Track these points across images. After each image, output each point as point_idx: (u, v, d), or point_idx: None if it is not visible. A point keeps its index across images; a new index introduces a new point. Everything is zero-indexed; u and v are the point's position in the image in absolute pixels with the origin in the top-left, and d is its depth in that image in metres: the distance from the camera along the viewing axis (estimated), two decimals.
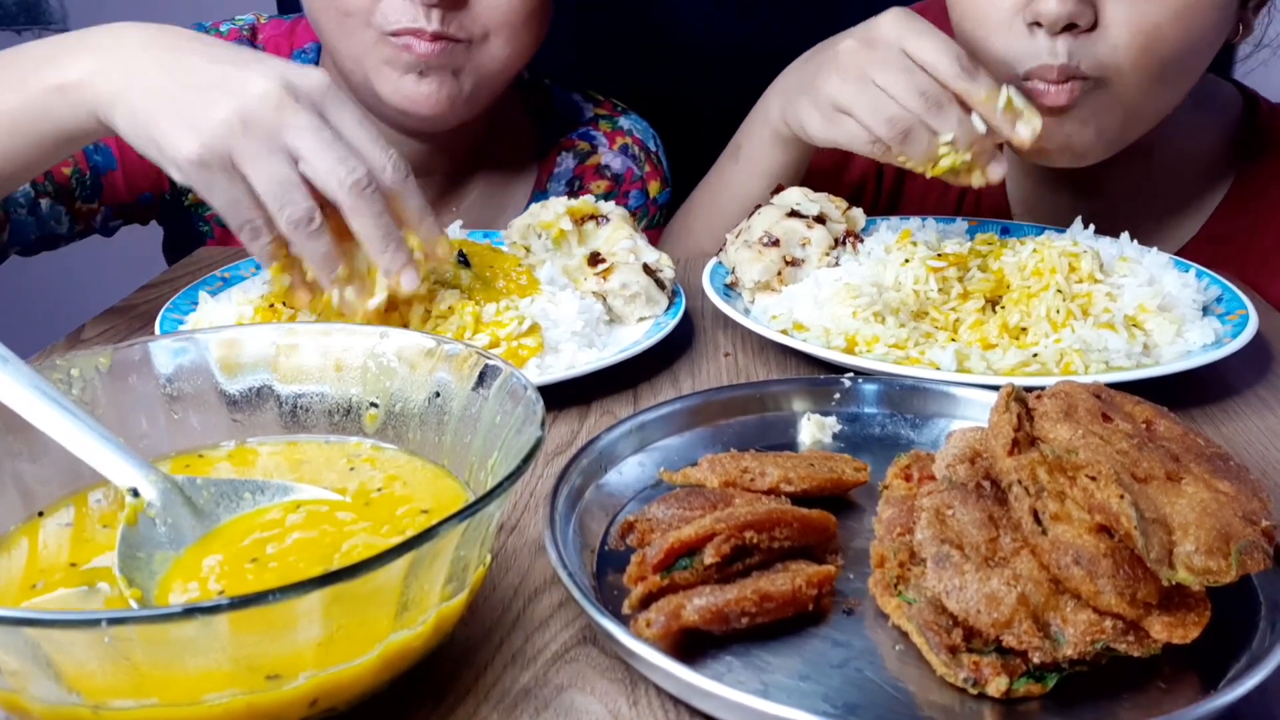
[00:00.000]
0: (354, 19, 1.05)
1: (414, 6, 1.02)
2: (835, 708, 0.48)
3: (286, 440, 0.62)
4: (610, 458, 0.66)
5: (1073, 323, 0.84)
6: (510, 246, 0.99)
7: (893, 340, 0.84)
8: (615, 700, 0.50)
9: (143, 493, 0.52)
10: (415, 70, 1.06)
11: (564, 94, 1.38)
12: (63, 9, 2.67)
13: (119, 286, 1.09)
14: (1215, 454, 0.55)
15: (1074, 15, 0.94)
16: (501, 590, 0.58)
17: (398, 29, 1.04)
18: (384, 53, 1.06)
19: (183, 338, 0.62)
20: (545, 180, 1.33)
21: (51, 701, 0.41)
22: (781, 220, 0.98)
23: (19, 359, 0.53)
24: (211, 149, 0.76)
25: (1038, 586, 0.49)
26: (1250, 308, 0.90)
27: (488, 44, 1.08)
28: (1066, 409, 0.57)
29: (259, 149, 0.76)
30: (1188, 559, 0.47)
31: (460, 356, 0.59)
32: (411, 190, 0.80)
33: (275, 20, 1.30)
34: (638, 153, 1.35)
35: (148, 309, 0.99)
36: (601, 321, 0.90)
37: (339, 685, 0.44)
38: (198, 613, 0.38)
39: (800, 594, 0.53)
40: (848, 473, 0.64)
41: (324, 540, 0.52)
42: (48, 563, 0.52)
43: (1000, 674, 0.48)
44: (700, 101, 1.68)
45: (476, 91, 1.11)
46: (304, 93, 0.78)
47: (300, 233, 0.77)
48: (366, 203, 0.77)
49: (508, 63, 1.11)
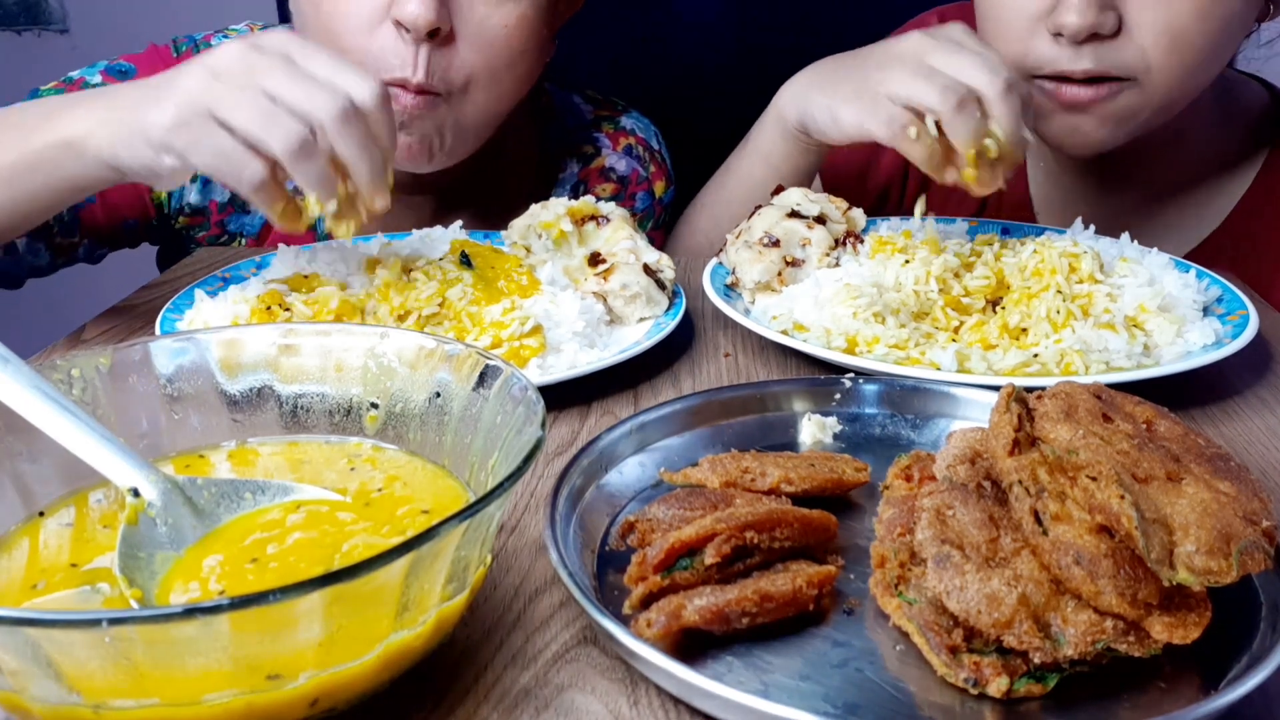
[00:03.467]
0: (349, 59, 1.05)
1: (405, 47, 1.02)
2: (836, 708, 0.48)
3: (287, 440, 0.62)
4: (611, 458, 0.66)
5: (1073, 323, 0.84)
6: (511, 247, 0.99)
7: (893, 341, 0.84)
8: (616, 700, 0.50)
9: (143, 493, 0.52)
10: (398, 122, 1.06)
11: (564, 96, 1.38)
12: (63, 9, 2.67)
13: (119, 286, 1.09)
14: (1216, 454, 0.55)
15: (1096, 26, 0.94)
16: (502, 590, 0.58)
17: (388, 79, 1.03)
18: None
19: (183, 338, 0.62)
20: (550, 187, 1.32)
21: (52, 701, 0.41)
22: (782, 221, 0.98)
23: (19, 359, 0.53)
24: (188, 106, 0.77)
25: (1038, 587, 0.49)
26: (1251, 308, 0.90)
27: (467, 95, 1.07)
28: (1067, 409, 0.57)
29: (235, 92, 0.76)
30: (1188, 559, 0.47)
31: (461, 357, 0.59)
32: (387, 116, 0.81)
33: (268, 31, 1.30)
34: (642, 153, 1.35)
35: (148, 309, 0.99)
36: (602, 322, 0.90)
37: (339, 685, 0.44)
38: (198, 613, 0.38)
39: (801, 594, 0.53)
40: (848, 473, 0.64)
41: (324, 540, 0.52)
42: (48, 563, 0.52)
43: (1001, 674, 0.48)
44: (701, 97, 1.68)
45: (455, 145, 1.11)
46: (269, 46, 0.79)
47: (295, 155, 0.77)
48: (351, 129, 0.78)
49: (488, 110, 1.11)
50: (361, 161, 0.79)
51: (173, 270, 1.14)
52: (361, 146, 0.79)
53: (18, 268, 1.14)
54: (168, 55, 1.22)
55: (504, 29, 1.06)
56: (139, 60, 1.21)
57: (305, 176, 0.79)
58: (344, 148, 0.78)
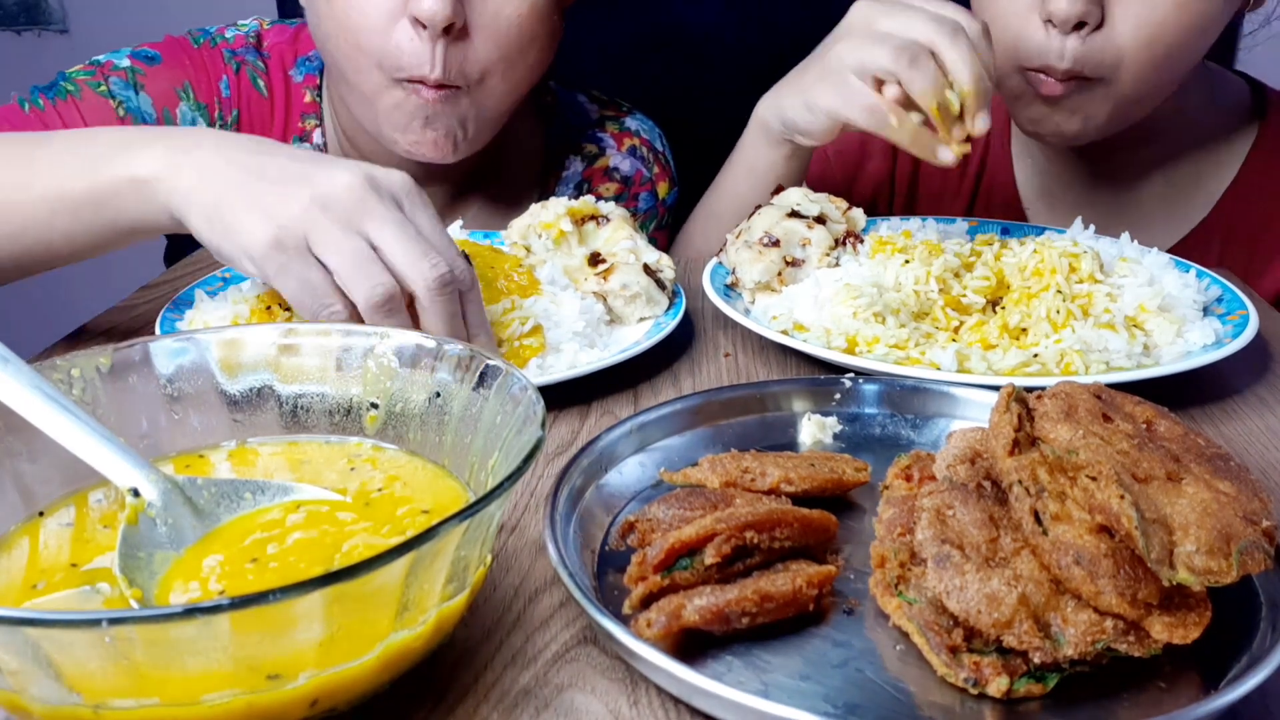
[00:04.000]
0: (365, 57, 1.05)
1: (420, 44, 1.02)
2: (836, 708, 0.48)
3: (287, 440, 0.62)
4: (611, 458, 0.66)
5: (1073, 323, 0.84)
6: (511, 247, 0.99)
7: (893, 340, 0.84)
8: (616, 700, 0.50)
9: (143, 493, 0.52)
10: (422, 116, 1.07)
11: (569, 95, 1.38)
12: (63, 9, 2.67)
13: (120, 287, 1.09)
14: (1216, 454, 0.55)
15: (1084, 15, 0.99)
16: (502, 590, 0.58)
17: (406, 76, 1.04)
18: (395, 97, 1.06)
19: (183, 338, 0.62)
20: (554, 185, 1.33)
21: (52, 701, 0.41)
22: (782, 221, 0.98)
23: (19, 359, 0.53)
24: (288, 230, 0.73)
25: (1038, 587, 0.49)
26: (1251, 308, 0.90)
27: (485, 86, 1.08)
28: (1067, 409, 0.57)
29: (337, 231, 0.73)
30: (1188, 559, 0.47)
31: (460, 357, 0.59)
32: (478, 296, 0.79)
33: (279, 26, 1.30)
34: (646, 154, 1.35)
35: (148, 309, 0.99)
36: (602, 322, 0.90)
37: (339, 685, 0.44)
38: (198, 613, 0.38)
39: (801, 594, 0.53)
40: (848, 473, 0.64)
41: (324, 540, 0.52)
42: (48, 563, 0.52)
43: (1001, 674, 0.48)
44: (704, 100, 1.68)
45: (478, 134, 1.12)
46: (385, 187, 0.76)
47: (379, 312, 0.74)
48: (445, 301, 0.75)
49: (505, 98, 1.11)
50: (446, 335, 0.75)
51: (173, 270, 1.15)
52: (451, 319, 0.76)
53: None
54: (189, 46, 1.23)
55: (517, 18, 1.06)
56: (161, 48, 1.21)
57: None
58: (434, 317, 0.76)
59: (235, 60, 1.23)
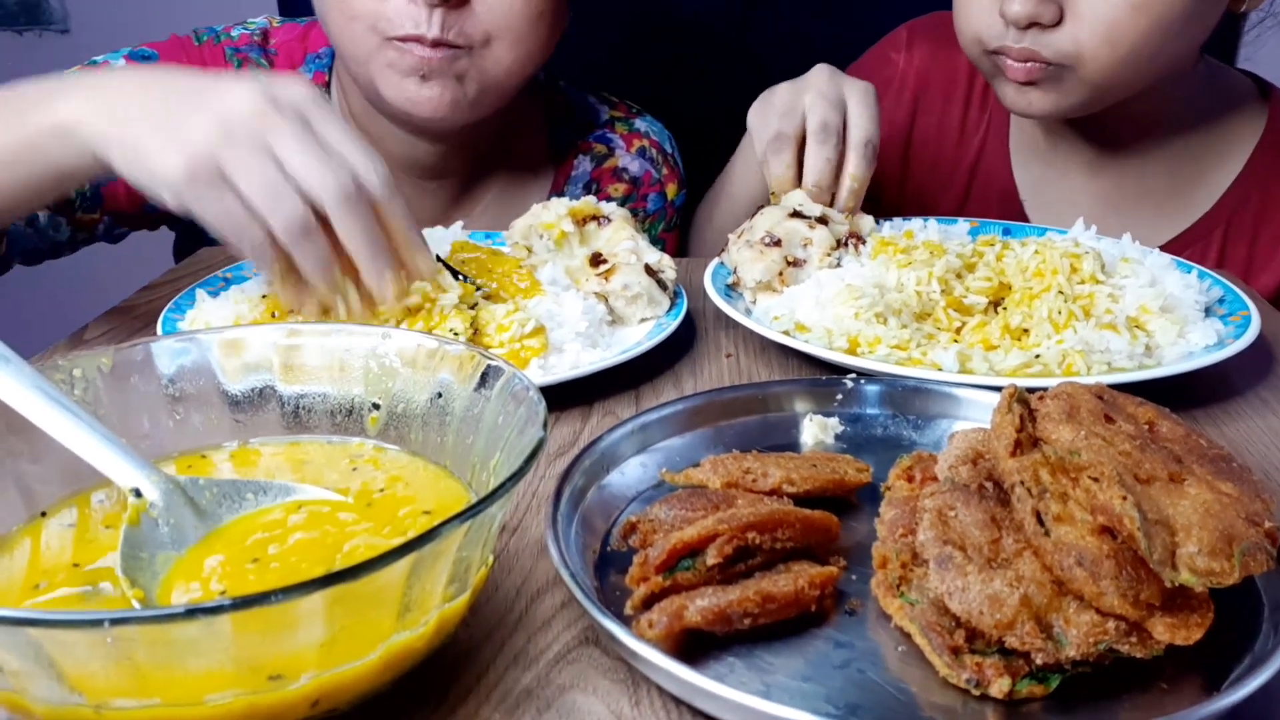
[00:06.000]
0: (359, 23, 1.05)
1: (417, 9, 1.02)
2: (837, 709, 0.48)
3: (289, 441, 0.62)
4: (612, 458, 0.66)
5: (1075, 324, 0.84)
6: (512, 247, 0.99)
7: (895, 341, 0.84)
8: (617, 701, 0.50)
9: (145, 493, 0.52)
10: (418, 74, 1.06)
11: (579, 96, 1.38)
12: (63, 9, 2.67)
13: (121, 287, 1.09)
14: (1218, 455, 0.55)
15: (1035, 16, 1.03)
16: (504, 591, 0.58)
17: (400, 35, 1.04)
18: (388, 56, 1.06)
19: (185, 338, 0.62)
20: (563, 184, 1.32)
21: (54, 701, 0.41)
22: (784, 221, 0.98)
23: (21, 359, 0.53)
24: (198, 160, 0.75)
25: (1040, 588, 0.49)
26: (1253, 308, 0.90)
27: (490, 49, 1.07)
28: (1069, 410, 0.57)
29: (245, 154, 0.74)
30: (1191, 560, 0.47)
31: (462, 357, 0.59)
32: (398, 203, 0.79)
33: (288, 24, 1.30)
34: (655, 155, 1.35)
35: (150, 309, 0.99)
36: (604, 322, 0.90)
37: (341, 686, 0.44)
38: (200, 613, 0.38)
39: (802, 595, 0.53)
40: (850, 474, 0.64)
41: (326, 541, 0.52)
42: (50, 563, 0.52)
43: (1003, 675, 0.48)
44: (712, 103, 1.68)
45: (481, 96, 1.10)
46: (286, 101, 0.77)
47: (294, 236, 0.75)
48: (352, 212, 0.76)
49: (513, 67, 1.10)
50: (363, 246, 0.77)
51: (175, 270, 1.15)
52: (363, 231, 0.77)
53: (40, 242, 1.13)
54: (190, 45, 1.22)
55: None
56: (161, 48, 1.21)
57: (302, 257, 0.77)
58: (345, 231, 0.76)
59: (237, 57, 1.23)
